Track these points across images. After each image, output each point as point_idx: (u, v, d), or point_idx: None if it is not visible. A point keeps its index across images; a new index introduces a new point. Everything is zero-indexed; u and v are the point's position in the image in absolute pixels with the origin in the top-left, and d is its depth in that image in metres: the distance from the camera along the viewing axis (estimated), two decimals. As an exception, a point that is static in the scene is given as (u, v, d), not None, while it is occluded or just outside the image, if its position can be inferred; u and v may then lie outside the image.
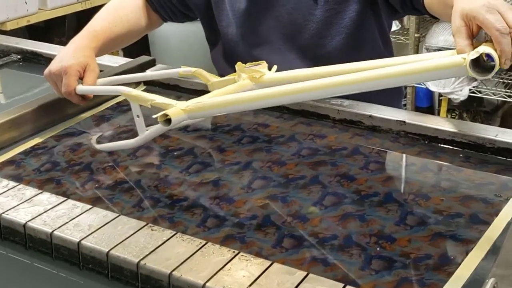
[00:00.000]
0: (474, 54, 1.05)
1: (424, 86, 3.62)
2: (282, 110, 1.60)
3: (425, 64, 1.11)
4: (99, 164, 1.38)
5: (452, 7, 1.22)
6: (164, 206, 1.23)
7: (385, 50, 1.69)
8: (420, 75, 1.12)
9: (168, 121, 1.20)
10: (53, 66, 1.51)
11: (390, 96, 1.63)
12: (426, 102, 3.81)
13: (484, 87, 3.35)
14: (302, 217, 1.18)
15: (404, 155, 1.41)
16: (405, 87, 3.68)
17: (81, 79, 1.50)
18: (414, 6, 1.47)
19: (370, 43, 1.64)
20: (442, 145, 1.40)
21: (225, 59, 1.74)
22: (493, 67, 1.06)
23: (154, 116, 1.21)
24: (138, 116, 1.31)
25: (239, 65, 1.38)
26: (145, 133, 1.30)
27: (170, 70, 1.57)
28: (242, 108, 1.27)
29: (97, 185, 1.30)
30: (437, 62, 1.10)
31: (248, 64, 1.39)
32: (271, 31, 1.61)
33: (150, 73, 1.62)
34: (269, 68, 1.39)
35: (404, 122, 1.46)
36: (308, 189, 1.27)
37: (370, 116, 1.50)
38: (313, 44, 1.60)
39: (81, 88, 1.48)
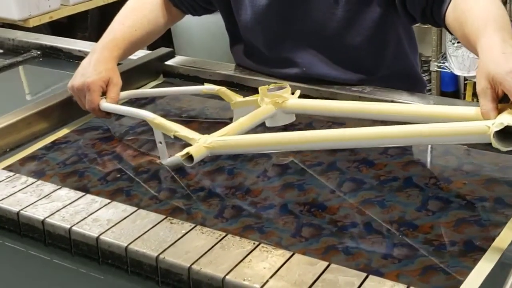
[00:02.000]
0: (498, 126, 1.02)
1: (449, 71, 3.58)
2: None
3: (449, 128, 1.09)
4: (118, 157, 1.38)
5: (474, 45, 1.20)
6: (180, 197, 1.22)
7: (409, 45, 1.66)
8: (442, 138, 1.11)
9: (190, 157, 1.20)
10: (76, 81, 1.50)
11: (412, 86, 1.60)
12: (452, 87, 3.77)
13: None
14: (320, 205, 1.17)
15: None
16: (429, 74, 3.65)
17: (104, 93, 1.50)
18: (434, 18, 1.43)
19: (394, 42, 1.61)
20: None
21: (244, 53, 1.72)
22: None
23: (177, 155, 1.21)
24: (160, 143, 1.31)
25: (262, 89, 1.40)
26: (167, 161, 1.31)
27: (194, 87, 1.58)
28: (265, 149, 1.26)
29: (118, 175, 1.30)
30: (461, 127, 1.08)
31: (272, 86, 1.41)
32: (291, 27, 1.58)
33: (173, 89, 1.61)
34: (290, 92, 1.40)
35: (426, 107, 1.44)
36: (326, 175, 1.26)
37: (392, 101, 1.48)
38: (334, 43, 1.57)
39: (105, 106, 1.48)
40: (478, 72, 1.14)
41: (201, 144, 1.22)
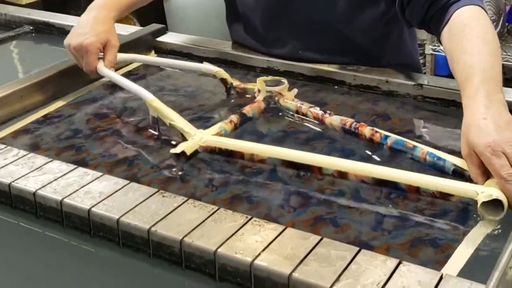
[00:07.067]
0: (486, 197, 1.03)
1: (443, 54, 3.57)
2: (297, 77, 1.58)
3: (442, 185, 1.09)
4: (112, 130, 1.38)
5: (461, 90, 1.20)
6: (172, 166, 1.23)
7: (409, 35, 1.66)
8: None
9: (183, 152, 1.22)
10: (72, 40, 1.49)
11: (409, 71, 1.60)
12: (446, 70, 3.74)
13: (504, 53, 3.30)
14: (308, 176, 1.18)
15: (412, 118, 1.41)
16: (424, 57, 3.64)
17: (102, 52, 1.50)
18: (431, 31, 1.43)
19: (394, 35, 1.61)
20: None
21: (240, 27, 1.71)
22: None
23: (172, 151, 1.22)
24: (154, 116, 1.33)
25: (260, 81, 1.41)
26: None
27: (193, 64, 1.57)
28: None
29: (112, 148, 1.31)
30: (452, 187, 1.09)
31: (270, 78, 1.42)
32: (289, 10, 1.57)
33: (171, 61, 1.61)
34: (287, 89, 1.42)
35: (421, 85, 1.44)
36: (311, 145, 1.28)
37: (387, 81, 1.48)
38: (334, 36, 1.57)
39: (103, 71, 1.48)
40: (462, 136, 1.14)
41: (196, 141, 1.24)
